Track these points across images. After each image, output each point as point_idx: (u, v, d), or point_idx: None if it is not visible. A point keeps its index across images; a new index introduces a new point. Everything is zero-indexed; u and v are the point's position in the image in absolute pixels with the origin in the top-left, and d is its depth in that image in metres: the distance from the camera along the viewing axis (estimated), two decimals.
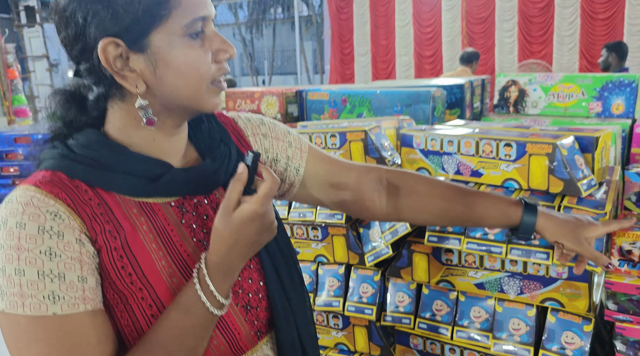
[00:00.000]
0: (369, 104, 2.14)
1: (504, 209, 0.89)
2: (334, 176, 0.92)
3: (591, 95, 2.33)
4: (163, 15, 0.64)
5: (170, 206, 0.73)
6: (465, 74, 4.78)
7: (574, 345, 1.06)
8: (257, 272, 0.78)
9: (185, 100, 0.69)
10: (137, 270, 0.67)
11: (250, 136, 0.87)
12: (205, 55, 0.68)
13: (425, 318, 1.24)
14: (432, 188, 0.92)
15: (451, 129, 1.31)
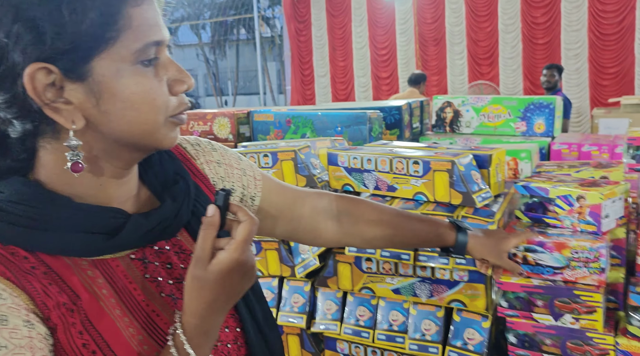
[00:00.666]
0: (311, 125, 2.27)
1: (441, 233, 0.97)
2: (289, 205, 0.88)
3: (516, 115, 2.54)
4: (109, 39, 0.54)
5: (131, 260, 0.62)
6: (413, 95, 5.02)
7: (475, 340, 1.19)
8: (232, 318, 0.69)
9: (139, 136, 0.59)
10: (102, 346, 0.56)
11: (204, 163, 0.78)
12: (161, 85, 0.59)
13: (350, 324, 1.35)
14: (380, 215, 0.93)
15: (371, 149, 1.45)
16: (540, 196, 1.16)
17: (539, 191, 1.16)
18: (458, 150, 1.34)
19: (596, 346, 1.06)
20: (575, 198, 1.09)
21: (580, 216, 1.09)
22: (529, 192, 1.17)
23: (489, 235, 1.03)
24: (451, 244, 0.98)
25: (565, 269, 1.08)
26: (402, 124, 2.58)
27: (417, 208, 1.25)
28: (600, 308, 1.05)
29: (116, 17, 0.55)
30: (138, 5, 0.56)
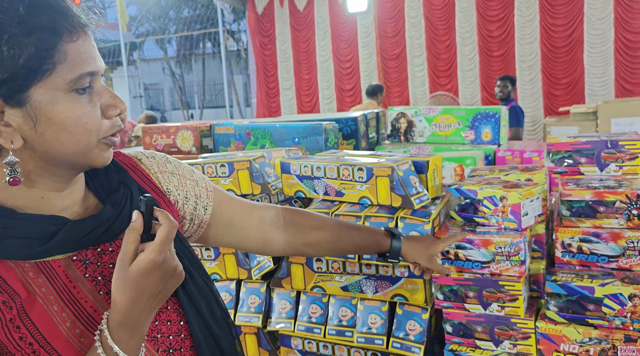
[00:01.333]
0: (270, 136, 2.36)
1: (377, 240, 1.10)
2: (239, 215, 0.94)
3: (465, 125, 2.70)
4: (45, 71, 0.61)
5: (72, 261, 0.68)
6: (371, 106, 5.20)
7: (415, 331, 1.29)
8: (175, 312, 0.75)
9: (72, 155, 0.66)
10: (37, 338, 0.62)
11: (158, 173, 0.85)
12: (94, 110, 0.66)
13: (303, 321, 1.43)
14: (323, 225, 1.03)
15: (321, 157, 1.55)
16: (470, 198, 1.28)
17: (469, 193, 1.28)
18: (398, 157, 1.45)
19: (519, 331, 1.18)
20: (499, 198, 1.22)
21: (504, 214, 1.21)
22: (461, 194, 1.30)
23: (420, 241, 1.16)
24: (387, 250, 1.11)
25: (491, 263, 1.20)
26: (358, 134, 2.70)
27: (362, 211, 1.36)
28: (522, 296, 1.17)
29: (52, 51, 0.61)
30: (73, 41, 0.63)
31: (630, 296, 1.07)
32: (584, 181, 1.27)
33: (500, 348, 1.21)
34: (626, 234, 1.17)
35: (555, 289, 1.14)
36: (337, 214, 1.36)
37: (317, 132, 2.27)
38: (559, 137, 1.38)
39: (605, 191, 1.19)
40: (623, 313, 1.08)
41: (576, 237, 1.22)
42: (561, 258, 1.24)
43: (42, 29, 0.61)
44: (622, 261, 1.18)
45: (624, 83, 6.38)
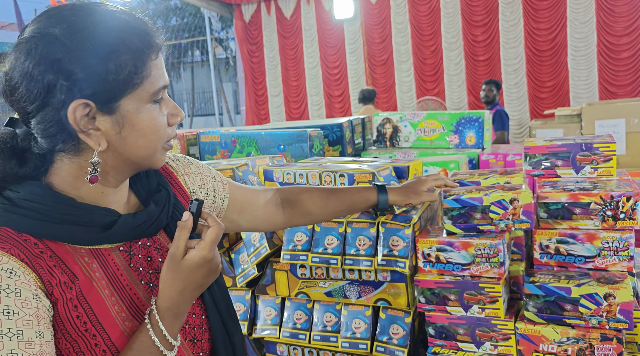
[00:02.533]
0: (256, 144, 2.37)
1: (365, 196, 1.17)
2: (249, 201, 1.06)
3: (450, 129, 2.73)
4: (135, 84, 0.71)
5: (119, 251, 0.76)
6: (369, 111, 5.23)
7: (399, 334, 1.31)
8: (199, 307, 0.84)
9: (142, 158, 0.76)
10: (91, 318, 0.70)
11: (184, 175, 0.93)
12: (164, 118, 0.76)
13: (288, 328, 1.44)
14: (312, 195, 1.14)
15: (303, 164, 1.56)
16: (473, 205, 1.23)
17: (472, 202, 1.23)
18: (379, 163, 1.47)
19: (499, 332, 1.20)
20: (509, 201, 1.21)
21: (515, 216, 1.21)
22: (462, 204, 1.24)
23: (405, 185, 1.22)
24: (376, 202, 1.17)
25: (471, 265, 1.22)
26: (343, 140, 2.72)
27: (344, 217, 1.37)
28: (501, 298, 1.19)
29: (142, 68, 0.72)
30: (153, 59, 0.74)
31: (606, 295, 1.09)
32: (560, 184, 1.30)
33: (481, 349, 1.23)
34: (601, 235, 1.19)
35: (533, 291, 1.16)
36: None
37: (302, 139, 2.29)
38: (536, 140, 1.40)
39: (581, 193, 1.21)
40: (599, 312, 1.10)
41: (553, 238, 1.24)
42: (539, 259, 1.26)
43: (138, 50, 0.71)
44: (598, 261, 1.20)
45: (608, 85, 6.49)
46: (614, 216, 1.18)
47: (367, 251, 1.30)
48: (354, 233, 1.33)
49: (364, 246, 1.31)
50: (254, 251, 1.45)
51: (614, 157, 1.30)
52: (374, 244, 1.31)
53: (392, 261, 1.27)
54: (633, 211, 1.17)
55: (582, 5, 6.44)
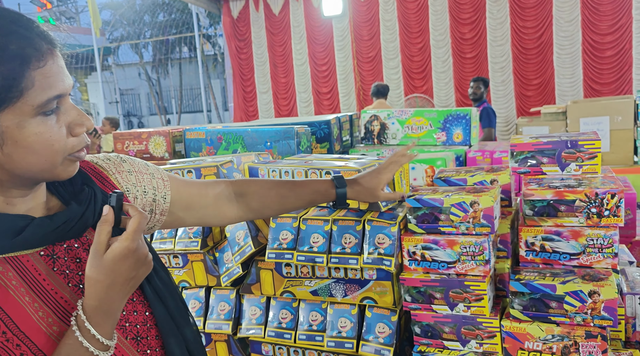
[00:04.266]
0: (242, 141, 2.35)
1: (324, 191, 1.15)
2: (196, 196, 1.02)
3: (437, 126, 2.73)
4: (12, 98, 0.64)
5: (40, 256, 0.73)
6: (381, 106, 5.21)
7: (385, 333, 1.30)
8: (141, 304, 0.81)
9: (38, 173, 0.71)
10: (11, 327, 0.66)
11: (116, 174, 0.89)
12: (60, 131, 0.69)
13: (273, 327, 1.42)
14: (268, 188, 1.12)
15: (289, 162, 1.54)
16: (434, 207, 1.24)
17: (433, 202, 1.23)
18: (366, 160, 1.46)
19: (485, 330, 1.20)
20: (469, 204, 1.21)
21: (475, 220, 1.21)
22: (423, 204, 1.24)
23: (364, 182, 1.18)
24: (333, 198, 1.15)
25: (456, 263, 1.21)
26: (331, 137, 2.70)
27: (330, 215, 1.36)
28: (487, 296, 1.18)
29: (19, 80, 0.64)
30: (40, 67, 0.66)
31: (590, 293, 1.09)
32: (546, 181, 1.30)
33: (467, 347, 1.22)
34: (586, 232, 1.19)
35: (519, 288, 1.15)
36: (305, 219, 1.36)
37: (289, 136, 2.27)
38: (522, 137, 1.40)
39: (566, 190, 1.21)
40: (584, 309, 1.10)
41: (539, 236, 1.24)
42: (525, 256, 1.26)
43: (10, 59, 0.64)
44: (583, 258, 1.20)
45: (592, 83, 6.55)
46: (598, 213, 1.19)
47: (353, 249, 1.29)
48: (339, 231, 1.32)
49: (349, 244, 1.30)
50: (238, 249, 1.43)
51: (598, 155, 1.30)
52: (360, 242, 1.29)
53: (378, 259, 1.26)
54: (617, 208, 1.17)
55: (567, 4, 6.49)
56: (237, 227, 1.45)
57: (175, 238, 1.50)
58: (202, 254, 1.48)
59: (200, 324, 1.47)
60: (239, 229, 1.44)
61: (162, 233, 1.51)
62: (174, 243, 1.49)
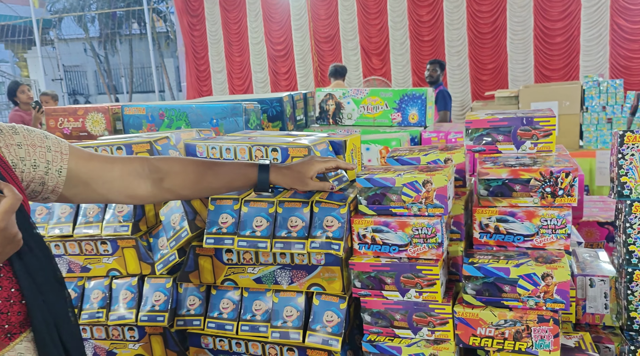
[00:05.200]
0: (186, 118, 2.19)
1: (244, 173, 1.09)
2: (98, 172, 0.98)
3: (392, 107, 2.66)
4: None
5: None
6: (339, 87, 5.09)
7: (333, 322, 1.22)
8: (7, 280, 0.81)
9: None
10: None
11: (3, 148, 0.87)
12: None
13: (213, 318, 1.31)
14: (185, 166, 1.06)
15: (230, 138, 1.42)
16: (386, 186, 1.15)
17: (384, 182, 1.15)
18: (316, 137, 1.36)
19: (437, 316, 1.13)
20: (422, 183, 1.13)
21: (428, 200, 1.13)
22: (374, 184, 1.16)
23: (292, 167, 1.14)
24: (254, 182, 1.10)
25: (408, 246, 1.14)
26: (284, 116, 2.58)
27: (275, 196, 1.25)
28: (439, 281, 1.12)
29: None
30: None
31: (544, 275, 1.04)
32: (501, 159, 1.24)
33: (418, 335, 1.16)
34: (540, 212, 1.14)
35: (472, 272, 1.09)
36: (247, 200, 1.25)
37: (237, 113, 2.13)
38: (477, 114, 1.34)
39: (521, 169, 1.15)
40: (537, 293, 1.05)
41: (493, 217, 1.18)
42: (479, 239, 1.20)
43: None
44: (537, 240, 1.16)
45: (542, 69, 6.70)
46: (552, 192, 1.14)
47: (299, 233, 1.19)
48: (285, 214, 1.22)
49: (296, 228, 1.20)
50: (173, 234, 1.30)
51: (553, 133, 1.25)
52: (307, 226, 1.20)
53: (326, 244, 1.17)
54: (571, 188, 1.13)
55: None
56: (172, 210, 1.32)
57: (102, 222, 1.35)
58: (134, 240, 1.35)
59: (132, 316, 1.34)
60: (174, 212, 1.31)
61: (87, 216, 1.36)
62: (101, 228, 1.34)
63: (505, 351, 1.07)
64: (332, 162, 1.18)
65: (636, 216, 1.14)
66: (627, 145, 1.14)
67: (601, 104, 4.39)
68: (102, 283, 1.39)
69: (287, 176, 1.13)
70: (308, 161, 1.15)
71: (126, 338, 1.39)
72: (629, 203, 1.15)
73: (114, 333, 1.40)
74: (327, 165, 1.17)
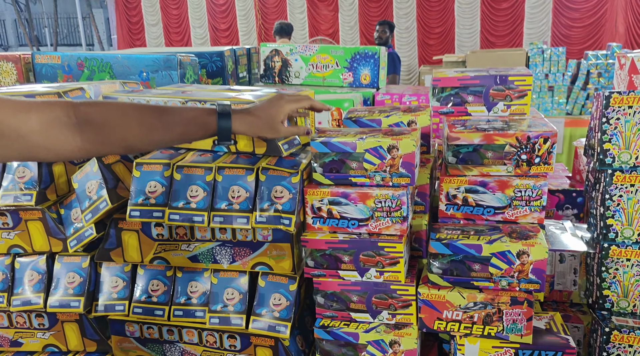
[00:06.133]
0: (110, 69, 1.90)
1: (200, 121, 0.88)
2: (11, 122, 0.76)
3: (343, 66, 2.48)
4: None
5: None
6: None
7: (281, 305, 1.06)
8: None
9: None
10: None
11: None
12: None
13: (140, 302, 1.12)
14: (126, 116, 0.83)
15: (160, 91, 1.20)
16: (346, 152, 0.99)
17: (344, 147, 0.99)
18: (260, 93, 1.16)
19: (399, 298, 1.01)
20: (387, 149, 0.98)
21: (393, 168, 0.98)
22: (331, 148, 1.00)
23: (257, 110, 0.93)
24: (214, 130, 0.89)
25: (369, 220, 1.00)
26: (225, 72, 2.34)
27: (214, 161, 1.06)
28: (403, 259, 0.99)
29: None
30: None
31: (519, 253, 0.94)
32: (471, 123, 1.11)
33: (378, 319, 1.03)
34: (514, 182, 1.03)
35: (439, 249, 0.97)
36: (180, 166, 1.05)
37: (171, 66, 1.88)
38: (445, 71, 1.19)
39: (495, 133, 1.03)
40: (510, 272, 0.95)
41: (462, 187, 1.05)
42: (445, 211, 1.08)
43: None
44: (508, 212, 1.05)
45: (488, 35, 6.72)
46: (528, 160, 1.02)
47: (242, 206, 1.01)
48: (225, 182, 1.03)
49: (238, 199, 1.02)
50: (89, 205, 1.08)
51: (528, 93, 1.13)
52: (252, 197, 1.02)
53: (274, 218, 1.00)
54: (549, 155, 1.02)
55: None
56: (87, 175, 1.09)
57: None
58: (41, 212, 1.11)
59: (40, 301, 1.12)
60: (90, 178, 1.09)
61: None
62: None
63: (472, 336, 0.97)
64: (305, 101, 0.98)
65: (617, 187, 1.05)
66: (612, 108, 1.04)
67: (544, 72, 4.43)
68: (3, 262, 1.15)
69: (253, 123, 0.92)
70: (276, 102, 0.94)
71: (34, 326, 1.17)
72: (610, 173, 1.06)
73: (18, 321, 1.17)
74: (300, 105, 0.97)
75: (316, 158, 1.02)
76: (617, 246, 1.08)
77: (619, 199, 1.05)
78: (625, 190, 1.05)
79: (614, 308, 1.10)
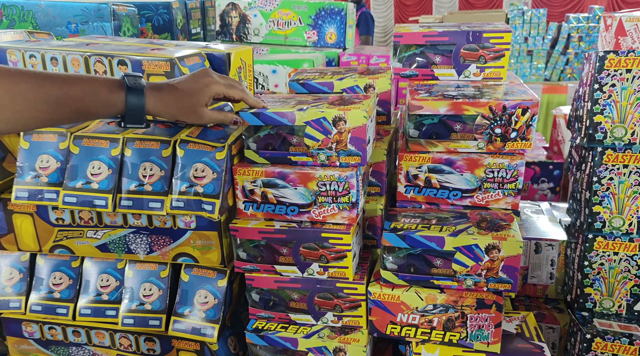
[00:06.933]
0: (32, 19, 1.64)
1: (105, 98, 0.71)
2: None
3: (307, 23, 2.24)
4: None
5: None
6: None
7: (208, 304, 0.89)
8: None
9: None
10: None
11: None
12: None
13: (40, 298, 0.94)
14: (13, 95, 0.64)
15: (64, 43, 0.97)
16: (282, 125, 0.81)
17: (280, 119, 0.81)
18: (187, 49, 0.95)
19: (346, 298, 0.85)
20: (332, 122, 0.79)
21: (340, 145, 0.80)
22: (265, 120, 0.82)
23: (178, 88, 0.75)
24: (121, 110, 0.73)
25: (311, 206, 0.82)
26: (173, 26, 2.09)
27: (120, 132, 0.86)
28: (351, 253, 0.82)
29: None
30: None
31: (488, 247, 0.78)
32: (438, 88, 0.93)
33: (321, 321, 0.88)
34: (486, 161, 0.86)
35: (394, 242, 0.81)
36: (79, 136, 0.85)
37: (103, 17, 1.63)
38: (410, 26, 1.00)
39: (465, 102, 0.85)
40: (477, 270, 0.79)
41: (424, 166, 0.89)
42: (404, 194, 0.91)
43: None
44: (478, 196, 0.89)
45: None
46: (503, 134, 0.86)
47: (156, 187, 0.82)
48: (135, 158, 0.83)
49: (151, 179, 0.82)
50: None
51: (506, 53, 0.95)
52: (168, 176, 0.83)
53: (194, 202, 0.81)
54: (527, 129, 0.85)
55: None
56: None
57: None
58: None
59: None
60: None
61: None
62: None
63: (431, 343, 0.82)
64: (236, 91, 0.81)
65: (607, 167, 0.89)
66: (607, 71, 0.87)
67: (524, 35, 4.25)
68: None
69: (171, 103, 0.75)
70: (201, 79, 0.77)
71: None
72: (600, 151, 0.90)
73: None
74: (230, 92, 0.80)
75: (249, 132, 0.83)
76: (603, 238, 0.93)
77: (609, 182, 0.90)
78: (617, 172, 0.90)
79: (596, 308, 0.96)
